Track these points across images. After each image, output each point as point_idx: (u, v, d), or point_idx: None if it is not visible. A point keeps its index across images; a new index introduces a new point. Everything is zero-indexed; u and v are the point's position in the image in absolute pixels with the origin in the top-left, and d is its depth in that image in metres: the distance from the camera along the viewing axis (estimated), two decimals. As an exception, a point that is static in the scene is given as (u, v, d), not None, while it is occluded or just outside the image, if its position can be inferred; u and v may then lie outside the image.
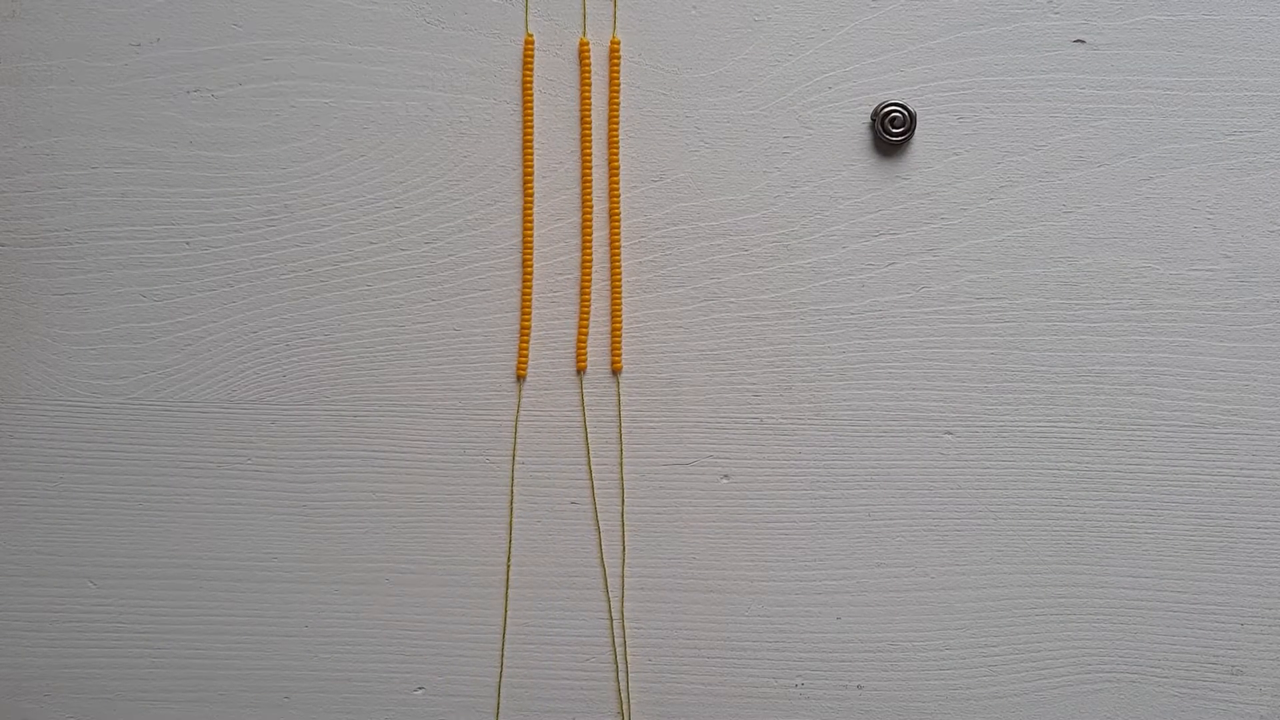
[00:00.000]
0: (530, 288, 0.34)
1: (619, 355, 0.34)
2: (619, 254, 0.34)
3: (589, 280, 0.34)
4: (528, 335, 0.34)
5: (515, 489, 0.34)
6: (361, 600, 0.33)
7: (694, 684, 0.33)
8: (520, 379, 0.34)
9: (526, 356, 0.34)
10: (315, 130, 0.34)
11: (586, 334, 0.34)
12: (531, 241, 0.34)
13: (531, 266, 0.34)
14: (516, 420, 0.34)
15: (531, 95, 0.34)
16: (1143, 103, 0.34)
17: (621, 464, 0.34)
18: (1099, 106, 0.34)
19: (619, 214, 0.34)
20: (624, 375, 0.34)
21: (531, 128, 0.34)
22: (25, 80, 0.34)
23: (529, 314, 0.34)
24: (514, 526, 0.34)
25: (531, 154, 0.34)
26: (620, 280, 0.34)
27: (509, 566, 0.34)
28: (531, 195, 0.34)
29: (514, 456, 0.34)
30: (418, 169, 0.34)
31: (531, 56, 0.34)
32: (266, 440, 0.34)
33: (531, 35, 0.34)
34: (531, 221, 0.34)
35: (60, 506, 0.34)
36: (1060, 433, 0.33)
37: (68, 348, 0.34)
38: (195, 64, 0.34)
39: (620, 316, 0.34)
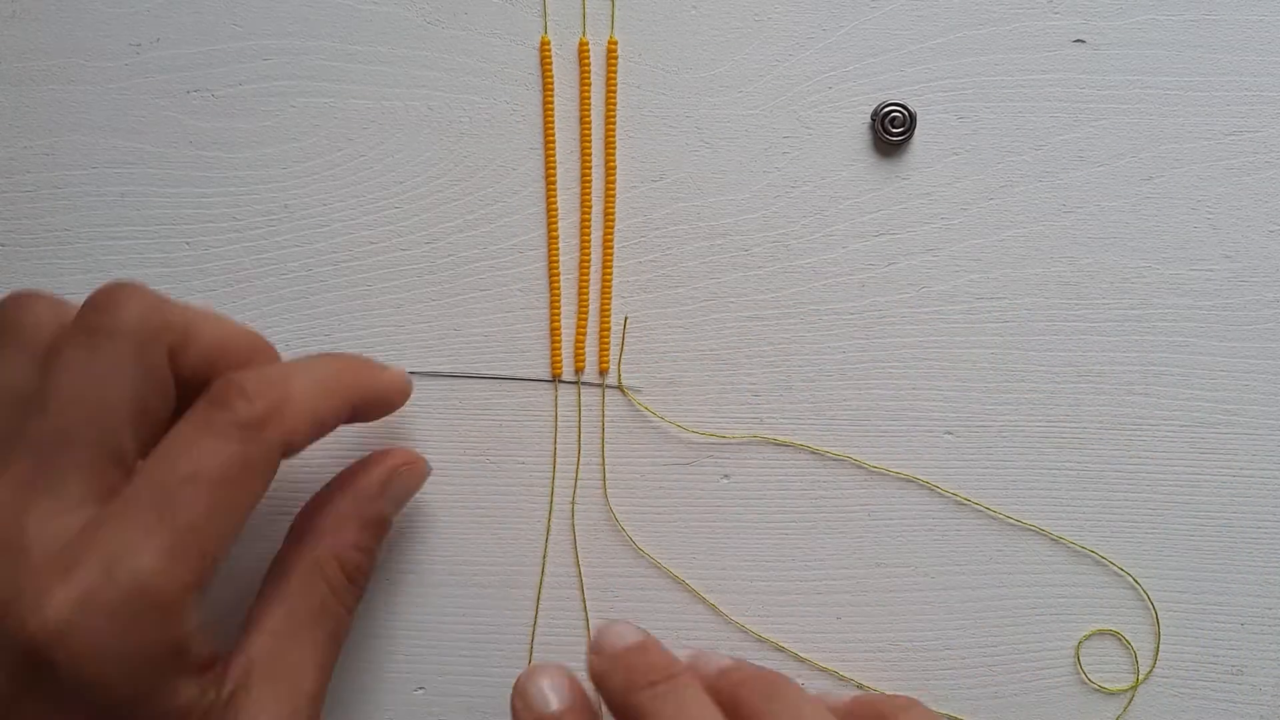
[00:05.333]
0: (558, 290, 0.34)
1: (604, 356, 0.34)
2: (611, 255, 0.34)
3: (587, 281, 0.34)
4: (559, 334, 0.34)
5: (516, 489, 0.34)
6: (362, 600, 0.33)
7: (694, 684, 0.33)
8: (556, 378, 0.34)
9: (560, 354, 0.34)
10: (315, 130, 0.34)
11: (586, 335, 0.34)
12: (557, 250, 0.34)
13: (559, 272, 0.34)
14: (556, 420, 0.34)
15: (552, 98, 0.34)
16: (1143, 103, 0.34)
17: (603, 465, 0.34)
18: (1099, 106, 0.34)
19: (614, 215, 0.34)
20: (624, 375, 0.34)
21: (553, 131, 0.34)
22: (25, 80, 0.34)
23: (558, 314, 0.34)
24: (514, 527, 0.34)
25: (554, 158, 0.34)
26: (610, 282, 0.34)
27: (543, 567, 0.34)
28: (555, 199, 0.34)
29: (555, 458, 0.34)
30: (418, 169, 0.34)
31: (549, 59, 0.34)
32: (266, 440, 0.34)
33: (548, 38, 0.34)
34: (556, 224, 0.34)
35: (60, 506, 0.34)
36: (1060, 433, 0.33)
37: (68, 348, 0.34)
38: (195, 64, 0.34)
39: (609, 318, 0.34)
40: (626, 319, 0.33)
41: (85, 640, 0.21)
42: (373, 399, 0.29)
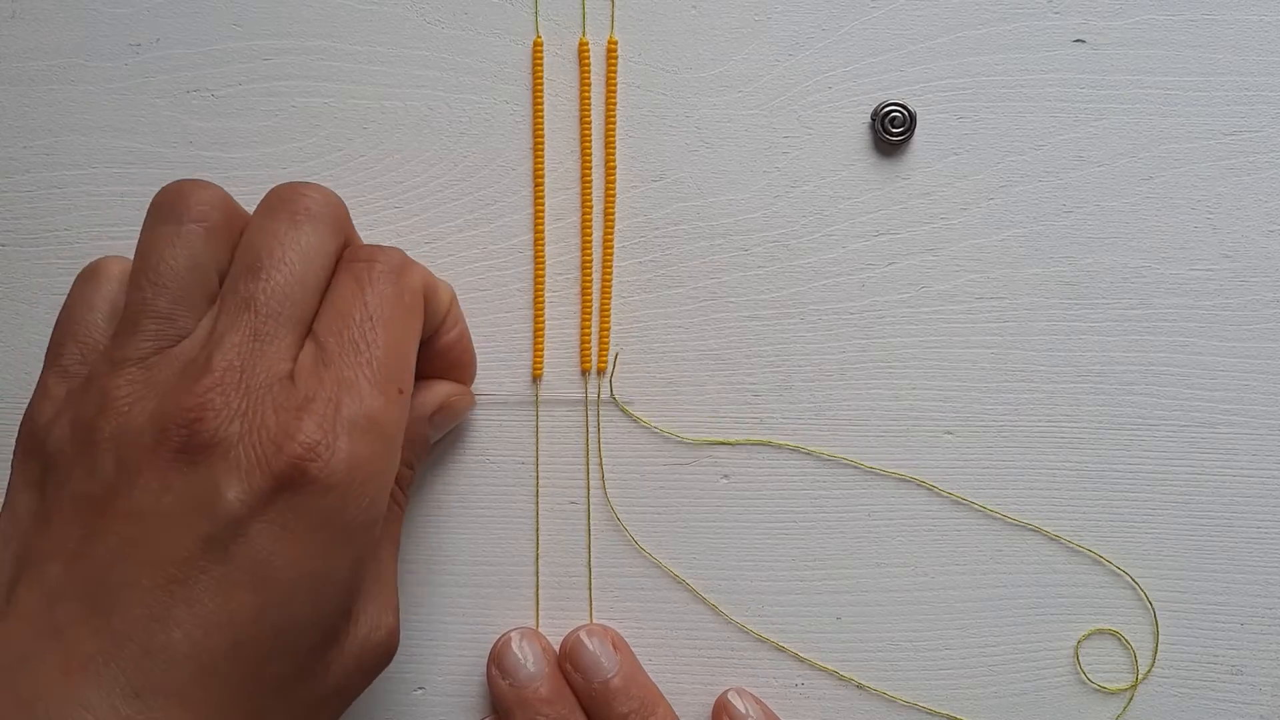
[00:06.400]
0: (543, 286, 0.34)
1: (604, 355, 0.34)
2: (611, 255, 0.34)
3: (589, 281, 0.34)
4: (542, 334, 0.34)
5: (516, 489, 0.34)
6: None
7: (694, 684, 0.33)
8: (537, 379, 0.34)
9: (543, 355, 0.34)
10: (315, 130, 0.34)
11: (590, 334, 0.34)
12: (544, 253, 0.34)
13: (544, 265, 0.34)
14: (537, 421, 0.34)
15: (542, 98, 0.34)
16: (1143, 103, 0.34)
17: (601, 465, 0.34)
18: (1099, 106, 0.34)
19: (614, 214, 0.34)
20: (624, 376, 0.34)
21: (542, 130, 0.34)
22: (25, 80, 0.34)
23: (541, 313, 0.34)
24: (514, 526, 0.34)
25: (542, 158, 0.34)
26: (610, 282, 0.34)
27: (538, 564, 0.34)
28: (542, 199, 0.34)
29: (538, 458, 0.34)
30: (418, 169, 0.34)
31: (541, 59, 0.34)
32: (266, 440, 0.34)
33: (541, 38, 0.34)
34: (543, 223, 0.34)
35: (60, 506, 0.34)
36: (1060, 433, 0.33)
37: (68, 348, 0.34)
38: (195, 64, 0.34)
39: (609, 318, 0.34)
40: (618, 355, 0.34)
41: (334, 455, 0.24)
42: (456, 314, 0.32)
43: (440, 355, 0.31)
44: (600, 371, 0.34)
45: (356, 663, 0.27)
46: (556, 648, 0.33)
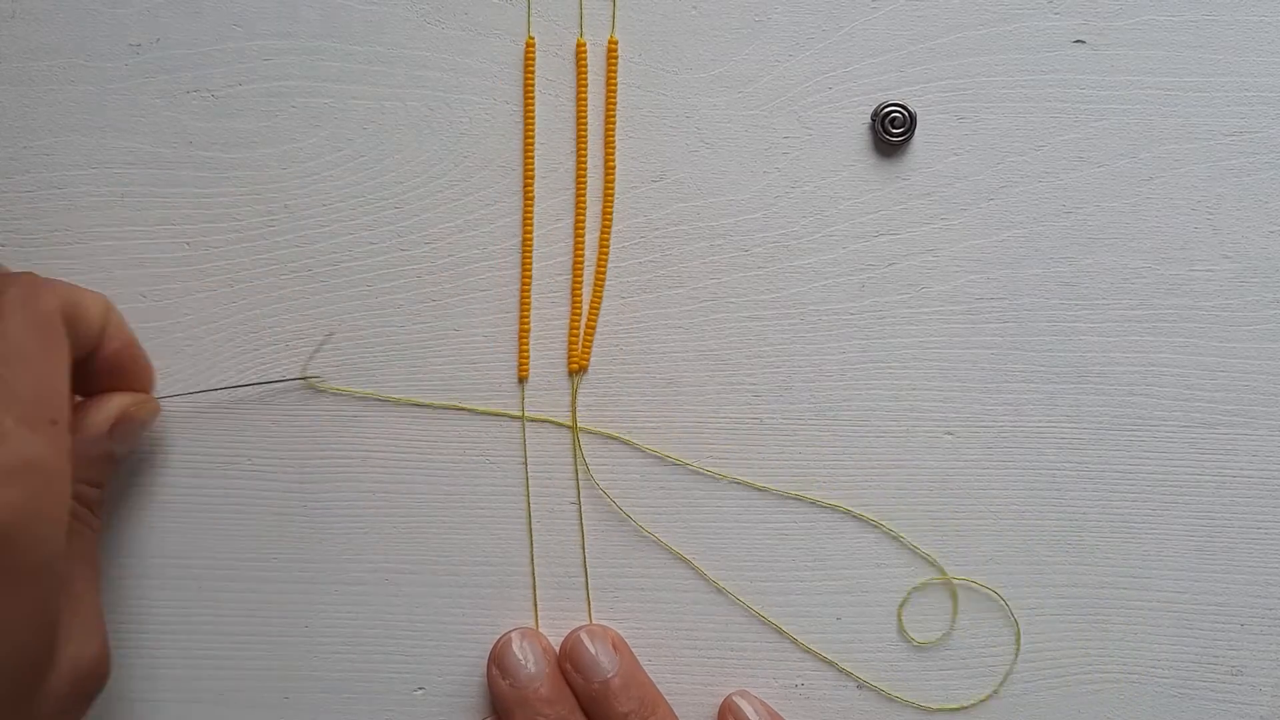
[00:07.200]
0: (529, 288, 0.34)
1: (587, 354, 0.34)
2: (606, 255, 0.34)
3: (580, 281, 0.34)
4: (527, 336, 0.34)
5: (517, 490, 0.34)
6: (361, 601, 0.33)
7: (694, 684, 0.33)
8: (523, 380, 0.34)
9: (528, 357, 0.34)
10: (315, 130, 0.34)
11: (578, 334, 0.34)
12: (531, 241, 0.34)
13: (531, 267, 0.34)
14: (523, 423, 0.34)
15: (533, 98, 0.34)
16: (1143, 103, 0.34)
17: (583, 462, 0.34)
18: (1099, 106, 0.34)
19: (611, 215, 0.34)
20: (624, 376, 0.34)
21: (533, 131, 0.34)
22: (25, 80, 0.34)
23: (528, 315, 0.34)
24: (515, 526, 0.34)
25: (532, 158, 0.34)
26: (604, 281, 0.34)
27: (533, 565, 0.34)
28: (532, 199, 0.34)
29: (526, 459, 0.34)
30: (418, 169, 0.34)
31: (533, 59, 0.34)
32: (266, 440, 0.34)
33: (533, 38, 0.34)
34: (531, 224, 0.34)
35: (60, 506, 0.34)
36: (1060, 433, 0.33)
37: (67, 348, 0.34)
38: (195, 64, 0.34)
39: (597, 316, 0.34)
40: (582, 372, 0.34)
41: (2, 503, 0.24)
42: (116, 325, 0.31)
43: (107, 368, 0.30)
44: (581, 370, 0.34)
45: (70, 691, 0.27)
46: (556, 648, 0.33)
